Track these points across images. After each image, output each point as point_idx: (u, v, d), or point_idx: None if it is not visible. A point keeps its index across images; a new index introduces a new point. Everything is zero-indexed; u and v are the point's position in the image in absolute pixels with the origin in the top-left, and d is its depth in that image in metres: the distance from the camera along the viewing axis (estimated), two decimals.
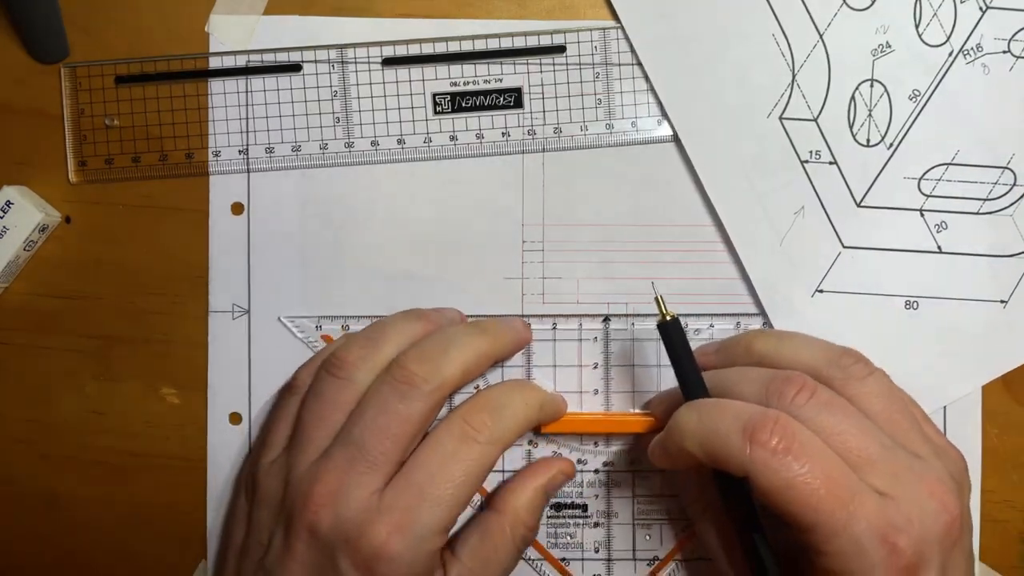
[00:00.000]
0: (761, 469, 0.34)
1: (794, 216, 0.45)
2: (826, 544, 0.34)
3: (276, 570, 0.39)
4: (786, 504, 0.34)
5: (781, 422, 0.35)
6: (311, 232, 0.46)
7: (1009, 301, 0.45)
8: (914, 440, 0.38)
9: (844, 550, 0.34)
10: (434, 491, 0.39)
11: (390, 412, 0.39)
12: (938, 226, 0.45)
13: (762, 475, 0.34)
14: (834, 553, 0.34)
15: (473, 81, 0.45)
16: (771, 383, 0.38)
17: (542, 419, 0.44)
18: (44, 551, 0.47)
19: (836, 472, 0.35)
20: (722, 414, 0.36)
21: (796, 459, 0.34)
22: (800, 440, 0.35)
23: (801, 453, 0.34)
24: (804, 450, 0.34)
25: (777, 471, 0.34)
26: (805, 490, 0.34)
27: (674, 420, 0.38)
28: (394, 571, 0.38)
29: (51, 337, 0.46)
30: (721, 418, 0.36)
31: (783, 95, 0.44)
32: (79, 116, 0.45)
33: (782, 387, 0.37)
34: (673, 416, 0.38)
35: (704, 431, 0.36)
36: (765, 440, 0.34)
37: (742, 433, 0.35)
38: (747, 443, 0.35)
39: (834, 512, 0.34)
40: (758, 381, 0.39)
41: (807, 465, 0.34)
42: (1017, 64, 0.44)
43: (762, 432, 0.35)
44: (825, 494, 0.34)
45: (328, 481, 0.39)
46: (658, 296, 0.41)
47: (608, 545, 0.46)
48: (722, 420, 0.36)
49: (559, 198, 0.46)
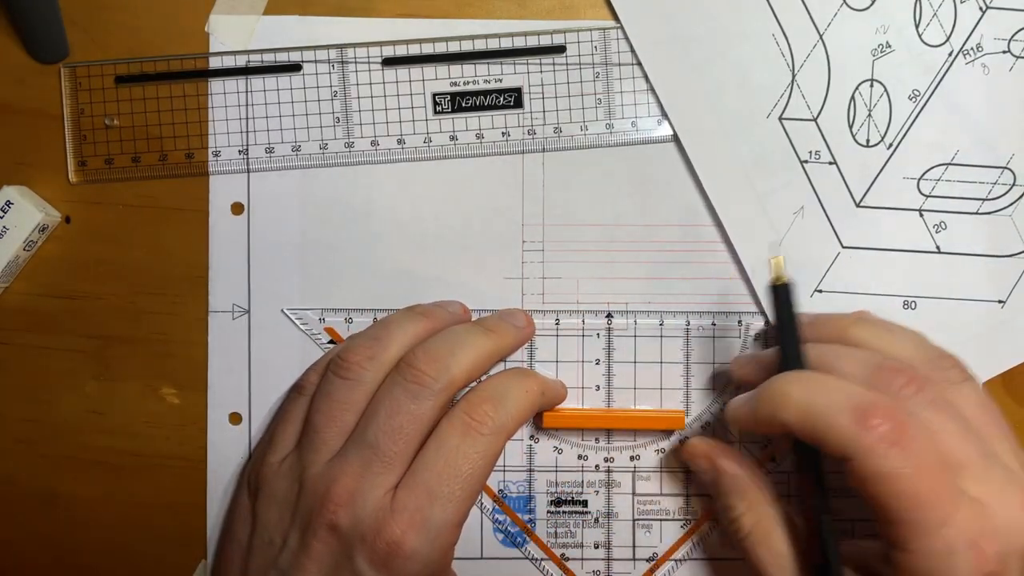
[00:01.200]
0: (866, 454, 0.34)
1: (793, 216, 0.45)
2: (914, 542, 0.34)
3: (292, 569, 0.39)
4: (884, 495, 0.34)
5: (894, 411, 0.34)
6: (311, 232, 0.46)
7: (1007, 301, 0.45)
8: (1006, 451, 0.38)
9: (932, 550, 0.34)
10: (443, 489, 0.39)
11: (402, 412, 0.40)
12: (937, 226, 0.45)
13: (866, 461, 0.34)
14: (921, 552, 0.34)
15: (473, 81, 0.45)
16: (879, 370, 0.37)
17: (544, 404, 0.44)
18: (44, 551, 0.47)
19: (938, 471, 0.34)
20: (832, 391, 0.36)
21: (903, 451, 0.34)
22: (910, 433, 0.34)
23: (909, 446, 0.34)
24: (912, 444, 0.34)
25: (883, 459, 0.33)
26: (906, 484, 0.33)
27: (774, 386, 0.37)
28: (410, 567, 0.39)
29: (51, 337, 0.46)
30: (831, 395, 0.35)
31: (783, 95, 0.44)
32: (79, 116, 0.45)
33: (890, 376, 0.37)
34: (772, 381, 0.37)
35: (809, 404, 0.36)
36: (876, 426, 0.34)
37: (852, 414, 0.34)
38: (857, 425, 0.34)
39: (931, 511, 0.33)
40: (864, 364, 0.38)
41: (912, 459, 0.34)
42: (1017, 64, 0.44)
43: (874, 417, 0.34)
44: (925, 492, 0.33)
45: (345, 481, 0.39)
46: (777, 257, 0.40)
47: (608, 542, 0.46)
48: (832, 397, 0.35)
49: (559, 198, 0.46)
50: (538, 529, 0.46)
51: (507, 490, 0.46)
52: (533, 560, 0.46)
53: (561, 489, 0.46)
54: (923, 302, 0.45)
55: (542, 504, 0.46)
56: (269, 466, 0.42)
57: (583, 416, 0.46)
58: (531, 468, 0.46)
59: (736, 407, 0.40)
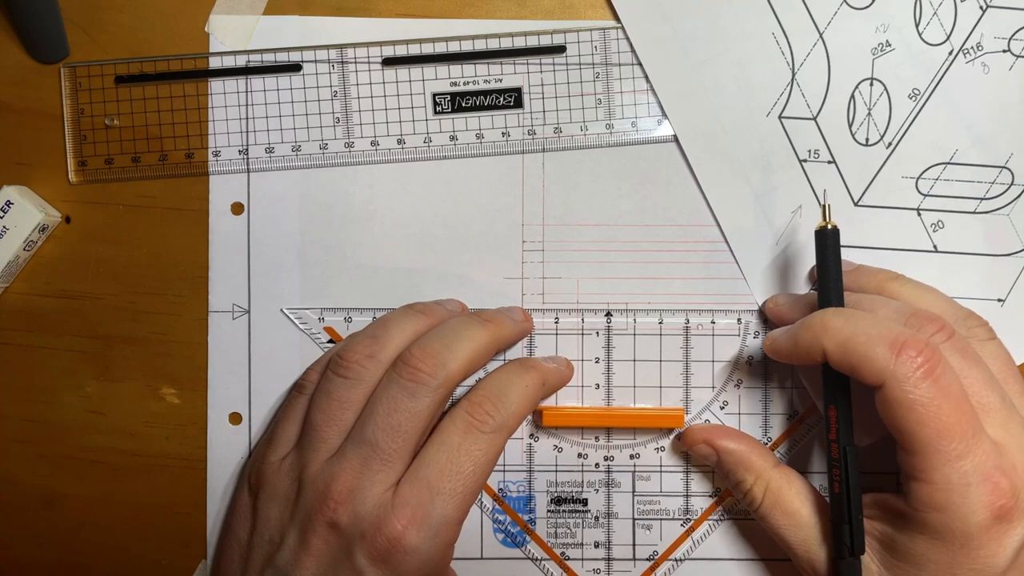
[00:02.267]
0: (900, 381, 0.36)
1: (792, 215, 0.45)
2: (934, 471, 0.36)
3: (291, 567, 0.40)
4: (911, 422, 0.36)
5: (928, 347, 0.36)
6: (311, 232, 0.46)
7: (1006, 300, 0.45)
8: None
9: (950, 480, 0.36)
10: (444, 485, 0.40)
11: (400, 410, 0.40)
12: (935, 225, 0.45)
13: (898, 387, 0.36)
14: (939, 482, 0.36)
15: (473, 81, 0.45)
16: (912, 316, 0.39)
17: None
18: (44, 551, 0.47)
19: (963, 407, 0.36)
20: (874, 323, 0.38)
21: (934, 383, 0.36)
22: (942, 367, 0.36)
23: (939, 380, 0.36)
24: (942, 378, 0.36)
25: (914, 388, 0.36)
26: (934, 413, 0.35)
27: (818, 318, 0.39)
28: (410, 563, 0.39)
29: (51, 337, 0.46)
30: (872, 326, 0.37)
31: (782, 94, 0.45)
32: (79, 116, 0.45)
33: (922, 322, 0.39)
34: (815, 314, 0.39)
35: (851, 333, 0.37)
36: (912, 357, 0.36)
37: (890, 344, 0.36)
38: (893, 355, 0.36)
39: (953, 441, 0.35)
40: (898, 311, 0.40)
41: (941, 392, 0.36)
42: (1017, 63, 0.44)
43: (911, 349, 0.36)
44: (950, 423, 0.35)
45: (345, 479, 0.39)
46: (826, 204, 0.41)
47: (608, 541, 0.46)
48: (873, 328, 0.37)
49: (559, 198, 0.46)
50: (538, 528, 0.46)
51: (507, 490, 0.46)
52: (534, 560, 0.46)
53: (561, 488, 0.46)
54: None
55: (542, 503, 0.47)
56: (269, 464, 0.42)
57: (583, 415, 0.46)
58: (531, 468, 0.46)
59: (776, 336, 0.41)
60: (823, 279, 0.41)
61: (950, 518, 0.36)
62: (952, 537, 0.36)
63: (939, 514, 0.36)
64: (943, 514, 0.36)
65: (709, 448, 0.44)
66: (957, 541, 0.36)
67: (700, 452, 0.45)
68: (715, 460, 0.44)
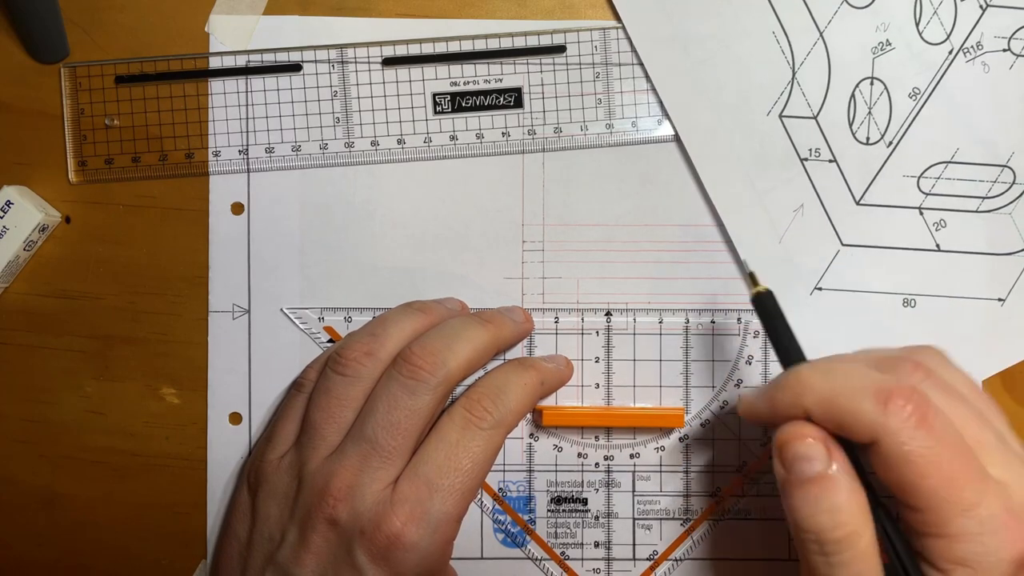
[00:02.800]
0: (893, 436, 0.33)
1: (793, 214, 0.45)
2: (948, 524, 0.33)
3: (290, 564, 0.40)
4: (914, 477, 0.33)
5: (915, 393, 0.33)
6: (311, 232, 0.46)
7: (1007, 299, 0.45)
8: (1009, 434, 0.37)
9: (967, 531, 0.33)
10: (443, 482, 0.40)
11: (399, 408, 0.40)
12: (937, 224, 0.45)
13: (893, 443, 0.33)
14: (956, 535, 0.33)
15: (473, 81, 0.45)
16: (886, 360, 0.36)
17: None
18: (44, 551, 0.47)
19: (964, 451, 0.33)
20: (852, 376, 0.35)
21: (929, 432, 0.33)
22: (934, 412, 0.33)
23: (933, 426, 0.33)
24: (936, 424, 0.33)
25: (911, 440, 0.33)
26: (936, 463, 0.33)
27: (793, 376, 0.36)
28: (410, 560, 0.39)
29: (51, 337, 0.46)
30: (851, 380, 0.35)
31: (783, 93, 0.45)
32: (79, 116, 0.45)
33: (898, 364, 0.36)
34: (790, 371, 0.36)
35: (831, 390, 0.35)
36: (901, 406, 0.33)
37: (876, 396, 0.33)
38: (881, 407, 0.33)
39: (963, 491, 0.33)
40: (866, 358, 0.37)
41: (938, 440, 0.33)
42: (1017, 62, 0.44)
43: (899, 398, 0.33)
44: (955, 471, 0.33)
45: (344, 476, 0.39)
46: (750, 271, 0.40)
47: (608, 540, 0.46)
48: (853, 382, 0.34)
49: (559, 198, 0.46)
50: (538, 528, 0.46)
51: (507, 489, 0.46)
52: (534, 560, 0.46)
53: (561, 488, 0.46)
54: (922, 300, 0.45)
55: (542, 503, 0.46)
56: (269, 463, 0.42)
57: (583, 414, 0.46)
58: (531, 468, 0.46)
59: (751, 400, 0.38)
60: (776, 341, 0.39)
61: (976, 570, 0.33)
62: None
63: (964, 569, 0.33)
64: (969, 568, 0.33)
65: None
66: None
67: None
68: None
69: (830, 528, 0.33)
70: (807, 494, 0.34)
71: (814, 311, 0.45)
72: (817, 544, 0.34)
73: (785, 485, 0.35)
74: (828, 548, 0.34)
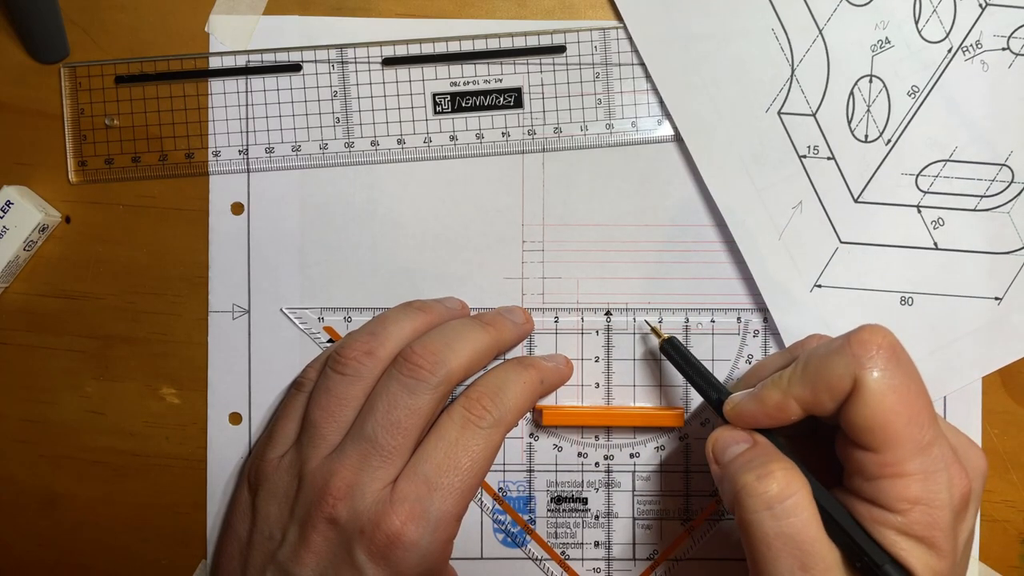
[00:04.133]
0: (870, 371, 0.34)
1: (792, 211, 0.45)
2: (907, 464, 0.34)
3: (290, 563, 0.40)
4: (885, 411, 0.34)
5: (883, 331, 0.35)
6: (311, 232, 0.46)
7: (1004, 298, 0.45)
8: None
9: (925, 469, 0.34)
10: (442, 481, 0.40)
11: (399, 407, 0.40)
12: (935, 222, 0.45)
13: (869, 377, 0.34)
14: (914, 473, 0.34)
15: (473, 81, 0.45)
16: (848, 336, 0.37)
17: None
18: (44, 551, 0.47)
19: (925, 391, 0.35)
20: (823, 340, 0.37)
21: (899, 365, 0.35)
22: (901, 348, 0.35)
23: (903, 360, 0.35)
24: (902, 357, 0.35)
25: (883, 371, 0.34)
26: (905, 397, 0.34)
27: (776, 377, 0.38)
28: (409, 558, 0.39)
29: (51, 337, 0.46)
30: (823, 344, 0.37)
31: (782, 90, 0.45)
32: (79, 116, 0.45)
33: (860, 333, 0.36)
34: (773, 377, 0.38)
35: (809, 362, 0.36)
36: (870, 341, 0.35)
37: (847, 344, 0.35)
38: (855, 351, 0.35)
39: (923, 427, 0.34)
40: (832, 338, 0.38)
41: (908, 375, 0.35)
42: (1016, 61, 0.44)
43: (869, 342, 0.35)
44: (920, 410, 0.35)
45: (344, 475, 0.40)
46: (651, 325, 0.44)
47: (608, 540, 0.46)
48: (825, 345, 0.36)
49: (559, 198, 0.46)
50: (538, 528, 0.46)
51: (507, 489, 0.46)
52: (535, 560, 0.46)
53: (561, 488, 0.46)
54: (920, 298, 0.45)
55: (542, 503, 0.46)
56: (269, 462, 0.42)
57: (582, 413, 0.46)
58: (531, 467, 0.46)
59: (742, 405, 0.39)
60: (695, 382, 0.42)
61: (931, 507, 0.34)
62: (936, 528, 0.34)
63: (920, 507, 0.34)
64: (923, 505, 0.34)
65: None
66: (942, 533, 0.34)
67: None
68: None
69: (772, 483, 0.35)
70: (744, 464, 0.37)
71: (813, 308, 0.45)
72: (763, 501, 0.35)
73: (722, 476, 0.38)
74: (773, 502, 0.35)
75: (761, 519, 0.35)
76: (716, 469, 0.39)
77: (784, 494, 0.35)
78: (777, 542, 0.35)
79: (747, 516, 0.35)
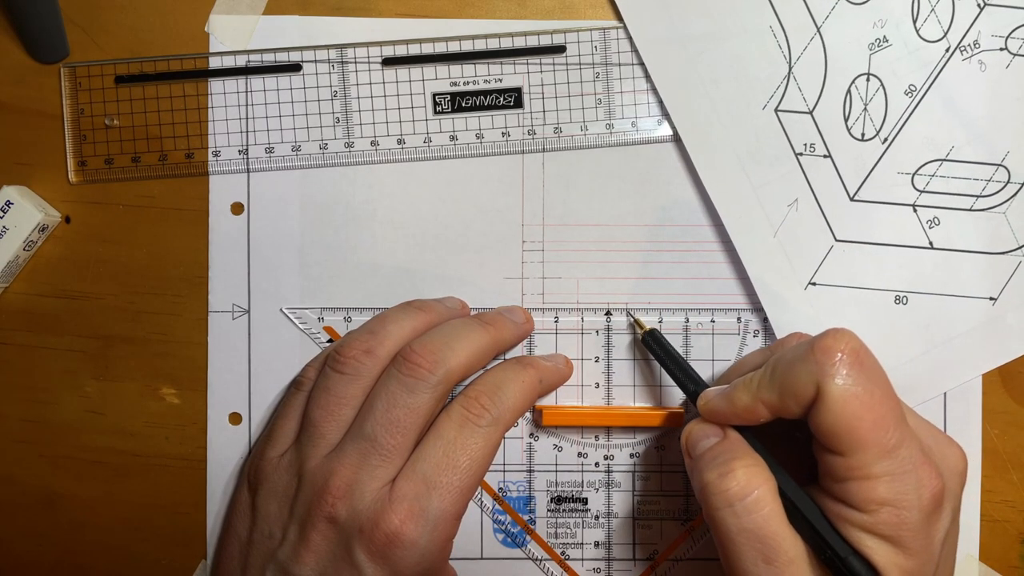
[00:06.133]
0: (832, 377, 0.35)
1: (788, 208, 0.45)
2: (874, 466, 0.35)
3: (290, 562, 0.40)
4: (848, 417, 0.35)
5: (847, 338, 0.36)
6: (311, 232, 0.46)
7: (998, 299, 0.45)
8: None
9: (892, 471, 0.35)
10: (441, 480, 0.40)
11: (399, 406, 0.40)
12: (931, 222, 0.45)
13: (831, 383, 0.35)
14: (881, 475, 0.35)
15: (473, 81, 0.46)
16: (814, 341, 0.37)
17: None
18: (44, 551, 0.47)
19: (891, 394, 0.36)
20: (790, 344, 0.38)
21: (862, 370, 0.35)
22: (865, 353, 0.36)
23: (867, 365, 0.35)
24: (867, 363, 0.36)
25: (847, 378, 0.35)
26: (868, 402, 0.35)
27: (747, 379, 0.38)
28: (408, 557, 0.39)
29: (51, 337, 0.46)
30: (791, 348, 0.37)
31: (779, 87, 0.45)
32: (79, 116, 0.46)
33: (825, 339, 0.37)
34: (745, 378, 0.39)
35: (776, 368, 0.37)
36: (839, 351, 0.35)
37: (811, 351, 0.36)
38: (819, 356, 0.35)
39: (888, 431, 0.35)
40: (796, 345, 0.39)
41: (872, 380, 0.35)
42: (1014, 61, 0.44)
43: (833, 349, 0.35)
44: (883, 412, 0.35)
45: (343, 474, 0.40)
46: (634, 317, 0.44)
47: (608, 539, 0.46)
48: (793, 349, 0.37)
49: (559, 198, 0.46)
50: (538, 528, 0.46)
51: (507, 489, 0.46)
52: (535, 560, 0.46)
53: (561, 488, 0.46)
54: (915, 297, 0.45)
55: (542, 503, 0.47)
56: (269, 461, 0.42)
57: (582, 413, 0.46)
58: (531, 467, 0.46)
59: (714, 403, 0.40)
60: (674, 374, 0.43)
61: (899, 508, 0.35)
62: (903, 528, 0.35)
63: (888, 508, 0.35)
64: (891, 507, 0.35)
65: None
66: (910, 532, 0.35)
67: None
68: None
69: (732, 481, 0.36)
70: (710, 460, 0.38)
71: (807, 306, 0.45)
72: (724, 499, 0.36)
73: (693, 468, 0.39)
74: (733, 499, 0.36)
75: (724, 516, 0.36)
76: (688, 462, 0.40)
77: (744, 492, 0.36)
78: (740, 537, 0.36)
79: (711, 512, 0.37)
